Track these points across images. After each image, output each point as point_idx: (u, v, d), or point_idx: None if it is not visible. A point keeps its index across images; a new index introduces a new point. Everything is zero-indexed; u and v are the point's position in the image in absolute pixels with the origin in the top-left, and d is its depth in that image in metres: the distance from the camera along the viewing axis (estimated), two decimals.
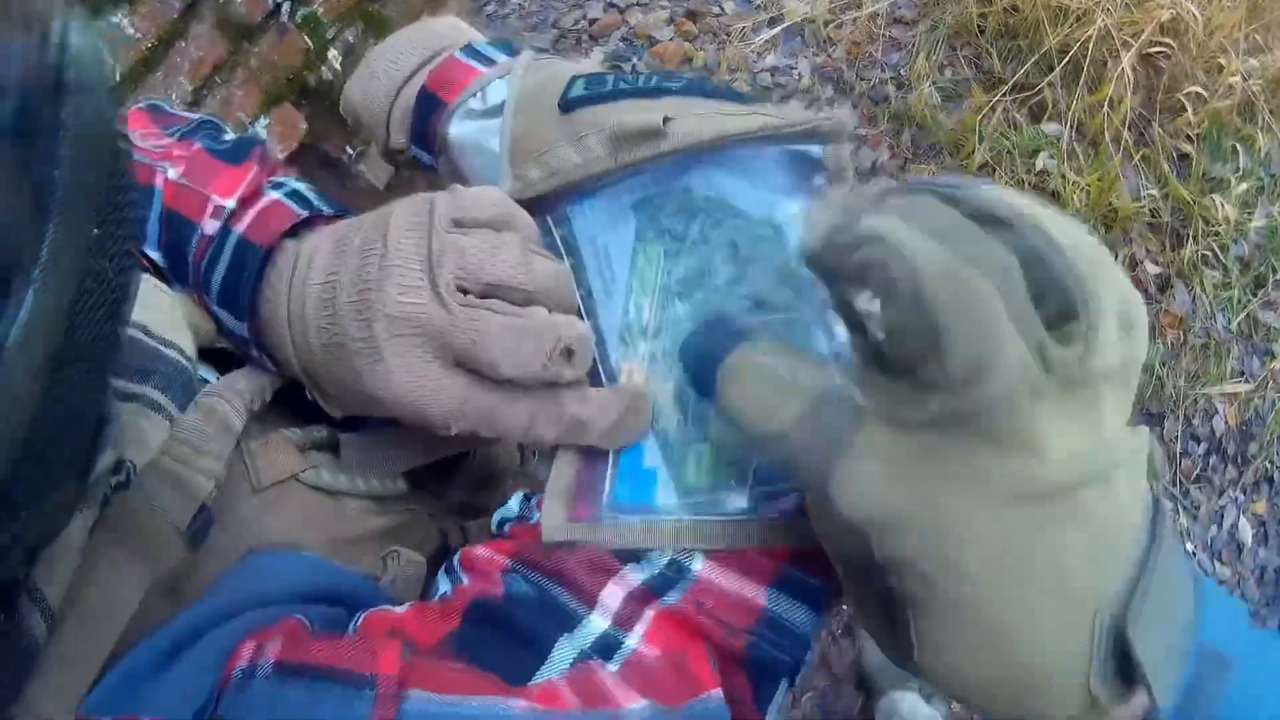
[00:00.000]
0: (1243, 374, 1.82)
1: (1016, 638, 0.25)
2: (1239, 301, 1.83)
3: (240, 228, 0.41)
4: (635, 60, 1.93)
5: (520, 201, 0.40)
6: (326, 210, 0.43)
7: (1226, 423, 1.79)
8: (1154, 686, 0.24)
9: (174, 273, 0.44)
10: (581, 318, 0.41)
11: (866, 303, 0.25)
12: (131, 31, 0.93)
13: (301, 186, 0.45)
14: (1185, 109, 1.77)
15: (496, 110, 0.43)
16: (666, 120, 0.37)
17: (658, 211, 0.41)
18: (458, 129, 0.45)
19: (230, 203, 0.42)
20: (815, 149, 0.39)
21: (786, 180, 0.40)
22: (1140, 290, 1.78)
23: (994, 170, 1.84)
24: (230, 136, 0.48)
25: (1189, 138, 1.82)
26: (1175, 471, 1.76)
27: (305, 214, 0.42)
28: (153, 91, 0.94)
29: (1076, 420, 0.24)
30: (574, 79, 0.42)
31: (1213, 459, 1.79)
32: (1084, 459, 0.24)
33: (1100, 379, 0.24)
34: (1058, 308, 0.24)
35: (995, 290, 0.22)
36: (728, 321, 0.35)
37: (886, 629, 0.28)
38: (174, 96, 0.98)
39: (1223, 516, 1.76)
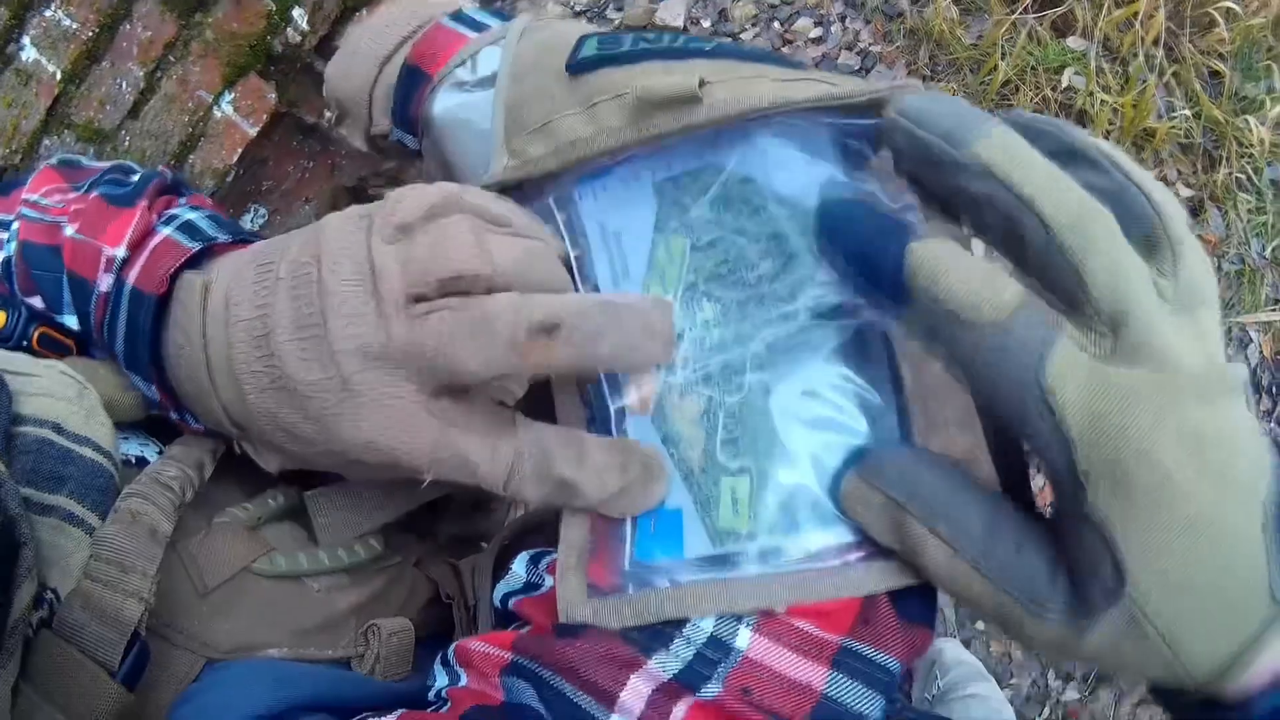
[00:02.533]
0: (1277, 301, 1.74)
1: (1214, 528, 0.25)
2: (1274, 227, 1.74)
3: (131, 277, 0.37)
4: None
5: (517, 182, 0.35)
6: (223, 237, 0.39)
7: (1261, 352, 1.72)
8: None
9: (89, 339, 0.40)
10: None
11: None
12: (69, 24, 0.86)
13: (195, 215, 0.40)
14: (1217, 24, 1.66)
15: (488, 81, 0.38)
16: (702, 84, 0.31)
17: (684, 194, 0.34)
18: (443, 103, 0.39)
19: (120, 251, 0.37)
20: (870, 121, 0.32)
21: (840, 161, 0.33)
22: None
23: (1018, 88, 1.73)
24: (135, 177, 0.43)
25: (1220, 55, 1.71)
26: None
27: (196, 247, 0.37)
28: (101, 84, 0.88)
29: (1196, 350, 0.25)
30: (584, 38, 0.36)
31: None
32: (1223, 373, 0.25)
33: (1201, 305, 0.26)
34: (1138, 241, 0.25)
35: (1116, 226, 0.25)
36: (885, 209, 0.30)
37: (1069, 594, 0.27)
38: (124, 86, 0.92)
39: None
